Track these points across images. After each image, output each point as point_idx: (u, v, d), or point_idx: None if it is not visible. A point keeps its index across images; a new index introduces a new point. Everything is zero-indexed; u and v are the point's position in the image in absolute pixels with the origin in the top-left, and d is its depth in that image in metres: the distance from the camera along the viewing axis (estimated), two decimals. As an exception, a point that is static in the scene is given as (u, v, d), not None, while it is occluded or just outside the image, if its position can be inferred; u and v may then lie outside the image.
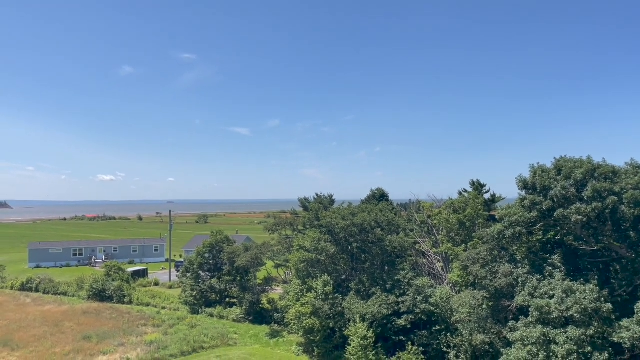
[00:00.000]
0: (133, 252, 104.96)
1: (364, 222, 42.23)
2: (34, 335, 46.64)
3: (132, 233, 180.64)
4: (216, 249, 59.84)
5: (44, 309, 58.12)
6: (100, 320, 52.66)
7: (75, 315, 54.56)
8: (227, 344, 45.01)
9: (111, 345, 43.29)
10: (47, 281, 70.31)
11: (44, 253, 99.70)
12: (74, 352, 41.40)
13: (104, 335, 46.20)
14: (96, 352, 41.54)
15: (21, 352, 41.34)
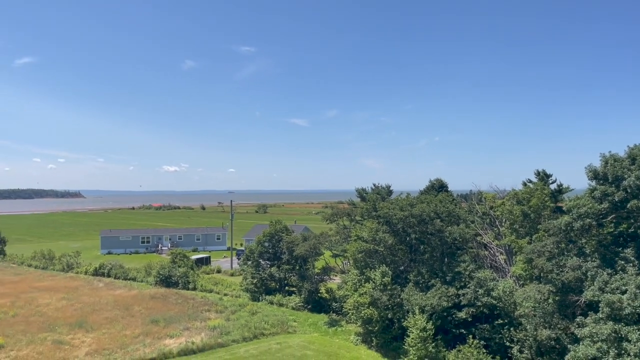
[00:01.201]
0: (197, 240, 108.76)
1: (422, 213, 41.66)
2: (106, 317, 49.45)
3: (195, 222, 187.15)
4: (275, 238, 60.94)
5: (115, 293, 61.43)
6: (167, 305, 55.05)
7: (144, 300, 57.32)
8: (286, 331, 45.89)
9: (177, 329, 45.18)
10: (118, 267, 74.23)
11: (114, 240, 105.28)
12: (142, 334, 43.54)
13: (170, 319, 48.29)
14: (163, 335, 43.50)
15: (95, 334, 43.94)
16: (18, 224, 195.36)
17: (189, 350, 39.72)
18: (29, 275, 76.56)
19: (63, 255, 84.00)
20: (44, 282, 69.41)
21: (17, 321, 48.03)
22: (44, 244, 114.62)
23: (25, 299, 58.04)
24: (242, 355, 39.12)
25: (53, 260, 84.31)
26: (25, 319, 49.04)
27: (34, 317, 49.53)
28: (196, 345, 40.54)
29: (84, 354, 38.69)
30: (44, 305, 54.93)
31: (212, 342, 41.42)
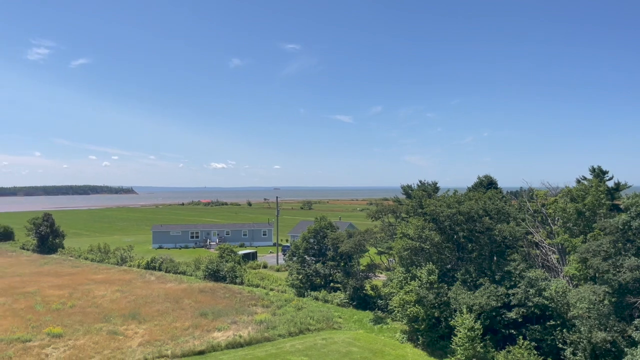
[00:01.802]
0: (243, 235, 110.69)
1: (470, 210, 40.81)
2: (157, 310, 51.11)
3: (242, 218, 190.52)
4: (320, 234, 61.21)
5: (166, 287, 63.39)
6: (215, 298, 56.35)
7: (193, 293, 58.88)
8: (331, 327, 46.07)
9: (225, 322, 46.19)
10: (169, 261, 76.55)
11: (165, 235, 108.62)
12: (192, 327, 44.76)
13: (218, 312, 49.41)
14: (212, 328, 44.55)
15: (147, 325, 45.50)
16: (75, 218, 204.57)
17: (237, 344, 40.52)
18: (86, 267, 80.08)
19: (117, 249, 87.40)
20: (100, 275, 72.44)
21: (74, 312, 50.35)
22: (99, 238, 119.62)
23: (82, 290, 60.76)
24: (288, 349, 39.58)
25: (108, 253, 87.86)
26: (82, 309, 51.32)
27: (90, 308, 51.77)
28: (243, 338, 41.32)
29: (137, 344, 40.13)
30: (99, 297, 57.35)
31: (258, 336, 42.11)
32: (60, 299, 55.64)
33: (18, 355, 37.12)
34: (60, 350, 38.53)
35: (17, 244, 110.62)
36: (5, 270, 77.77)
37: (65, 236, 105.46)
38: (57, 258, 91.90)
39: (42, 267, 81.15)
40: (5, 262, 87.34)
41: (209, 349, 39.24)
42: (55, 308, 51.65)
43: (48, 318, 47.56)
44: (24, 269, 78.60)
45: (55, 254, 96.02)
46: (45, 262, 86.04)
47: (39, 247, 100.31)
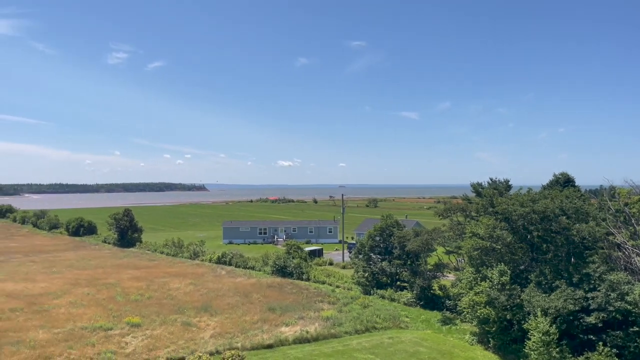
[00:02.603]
0: (309, 232, 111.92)
1: (546, 209, 38.98)
2: (228, 303, 52.76)
3: (308, 215, 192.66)
4: (386, 232, 60.74)
5: (235, 281, 65.32)
6: (283, 294, 57.39)
7: (262, 288, 60.29)
8: (398, 326, 45.64)
9: (292, 318, 46.94)
10: (238, 256, 78.81)
11: (235, 231, 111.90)
12: (261, 321, 45.84)
13: (285, 308, 50.30)
14: (279, 323, 45.41)
15: (218, 318, 47.09)
16: (151, 214, 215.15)
17: (304, 339, 41.07)
18: (162, 261, 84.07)
19: (190, 244, 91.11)
20: (174, 268, 75.80)
21: (151, 303, 53.00)
22: (173, 233, 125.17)
23: (158, 283, 63.83)
24: (354, 347, 39.62)
25: (182, 248, 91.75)
26: (159, 301, 53.91)
27: (165, 300, 54.30)
28: (310, 334, 41.83)
29: (209, 336, 41.64)
30: (174, 289, 60.01)
31: (325, 333, 42.46)
32: (139, 291, 58.75)
33: (101, 343, 39.57)
34: (139, 339, 40.69)
35: (100, 238, 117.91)
36: (89, 262, 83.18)
37: (142, 231, 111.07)
38: (135, 251, 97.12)
39: (122, 260, 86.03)
40: (89, 254, 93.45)
41: (277, 343, 40.06)
42: (134, 299, 54.60)
43: (127, 308, 50.37)
44: (106, 262, 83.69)
45: (133, 248, 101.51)
46: (124, 255, 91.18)
47: (119, 241, 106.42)
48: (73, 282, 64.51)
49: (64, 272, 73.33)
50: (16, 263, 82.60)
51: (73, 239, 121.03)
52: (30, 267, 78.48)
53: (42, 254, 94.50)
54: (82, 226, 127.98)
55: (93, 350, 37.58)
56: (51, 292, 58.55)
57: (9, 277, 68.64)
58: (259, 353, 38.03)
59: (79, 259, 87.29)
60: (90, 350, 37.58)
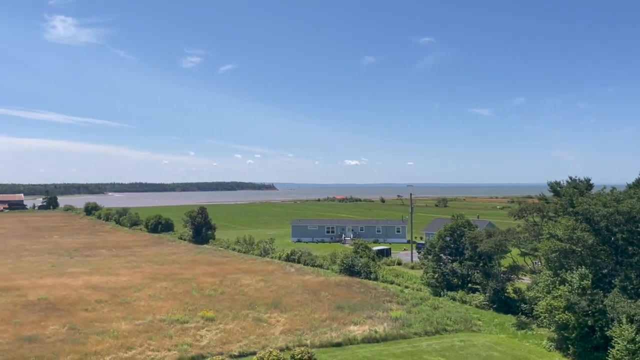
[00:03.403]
0: (377, 232, 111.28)
1: (632, 210, 36.50)
2: (297, 300, 53.57)
3: (375, 214, 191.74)
4: (457, 233, 59.23)
5: (304, 279, 66.18)
6: (351, 293, 57.48)
7: (330, 286, 60.69)
8: (470, 329, 44.41)
9: (361, 317, 46.90)
10: (307, 254, 79.79)
11: (303, 229, 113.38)
12: (329, 319, 46.16)
13: (354, 307, 50.35)
14: (348, 321, 45.53)
15: (288, 315, 47.92)
16: (223, 212, 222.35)
17: (372, 339, 40.92)
18: (233, 258, 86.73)
19: (260, 242, 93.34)
20: (245, 265, 77.97)
21: (224, 298, 54.82)
22: (244, 230, 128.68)
23: (230, 279, 65.92)
24: (424, 349, 38.98)
25: (252, 245, 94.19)
26: (231, 297, 55.67)
27: (237, 296, 55.98)
28: (379, 334, 41.62)
29: (279, 332, 42.47)
30: (245, 285, 61.74)
31: (394, 333, 42.09)
32: (212, 286, 60.96)
33: (177, 335, 41.43)
34: (213, 333, 42.22)
35: (176, 235, 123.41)
36: (167, 258, 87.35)
37: (216, 228, 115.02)
38: (209, 248, 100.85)
39: (197, 256, 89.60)
40: (167, 250, 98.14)
41: (345, 341, 40.19)
42: (208, 294, 56.71)
43: (202, 303, 52.41)
44: (182, 257, 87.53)
45: (207, 244, 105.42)
46: (199, 252, 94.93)
47: (194, 237, 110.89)
48: (152, 277, 68.00)
49: (144, 266, 77.46)
50: (101, 257, 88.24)
51: (152, 236, 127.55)
52: (113, 261, 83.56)
53: (124, 249, 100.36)
54: (160, 223, 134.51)
55: (170, 342, 39.42)
56: (132, 285, 62.04)
57: (95, 271, 73.46)
58: (327, 351, 38.32)
59: (157, 254, 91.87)
60: (168, 342, 39.44)
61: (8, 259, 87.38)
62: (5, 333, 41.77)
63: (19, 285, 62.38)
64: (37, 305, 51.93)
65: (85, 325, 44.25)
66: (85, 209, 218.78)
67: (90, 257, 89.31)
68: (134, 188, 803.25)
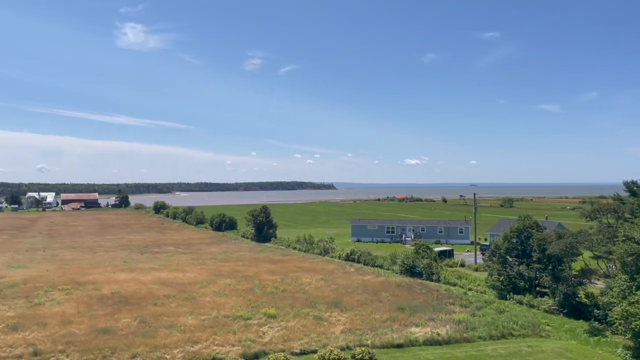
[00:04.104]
0: (439, 232, 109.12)
1: None
2: (357, 300, 53.46)
3: (436, 214, 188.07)
4: (524, 234, 57.02)
5: (364, 279, 65.96)
6: (411, 294, 56.70)
7: (390, 287, 60.15)
8: (538, 334, 42.64)
9: (422, 318, 46.15)
10: (366, 254, 79.49)
11: (363, 229, 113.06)
12: (390, 320, 45.74)
13: (415, 308, 49.62)
14: (409, 323, 44.92)
15: (348, 314, 47.92)
16: (284, 211, 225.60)
17: (434, 341, 40.18)
18: (294, 256, 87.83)
19: (320, 241, 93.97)
20: (305, 264, 78.73)
21: (285, 296, 55.60)
22: (304, 229, 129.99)
23: (291, 277, 66.78)
24: (489, 353, 37.82)
25: (312, 244, 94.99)
26: (292, 294, 56.37)
27: (298, 294, 56.61)
28: (441, 336, 40.79)
29: (339, 331, 42.55)
30: (306, 284, 62.34)
31: (457, 336, 41.12)
32: (274, 284, 62.00)
33: (241, 331, 42.43)
34: (275, 330, 42.93)
35: (239, 233, 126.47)
36: (230, 255, 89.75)
37: (277, 227, 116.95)
38: (270, 246, 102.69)
39: (259, 254, 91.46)
40: (230, 248, 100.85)
41: (407, 343, 39.70)
42: (270, 291, 57.73)
43: (264, 300, 53.41)
44: (245, 255, 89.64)
45: (269, 243, 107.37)
46: (260, 250, 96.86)
47: (256, 236, 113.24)
48: (216, 273, 70.08)
49: (209, 263, 79.98)
50: (169, 254, 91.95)
51: (216, 234, 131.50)
52: (180, 258, 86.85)
53: (190, 246, 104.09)
54: (223, 222, 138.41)
55: (234, 338, 40.45)
56: (198, 281, 64.21)
57: (164, 267, 76.64)
58: (388, 352, 38.00)
59: (221, 252, 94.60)
60: (232, 338, 40.49)
61: (84, 254, 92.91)
62: (82, 325, 44.38)
63: (94, 279, 66.13)
64: (111, 298, 54.84)
65: (154, 318, 46.25)
66: (154, 208, 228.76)
67: (159, 253, 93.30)
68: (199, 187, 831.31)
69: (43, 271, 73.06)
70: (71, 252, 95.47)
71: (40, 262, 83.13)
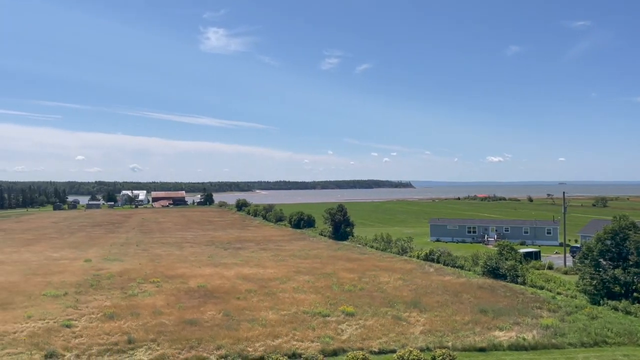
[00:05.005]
0: (524, 233, 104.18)
1: None
2: (437, 301, 52.31)
3: (521, 214, 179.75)
4: (620, 235, 53.03)
5: (444, 279, 64.42)
6: (495, 296, 54.60)
7: (472, 289, 58.29)
8: (635, 343, 39.48)
9: (506, 322, 44.28)
10: (446, 254, 77.57)
11: (442, 228, 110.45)
12: (472, 322, 44.31)
13: (499, 311, 47.72)
14: (492, 326, 43.29)
15: (428, 315, 47.01)
16: (361, 209, 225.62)
17: (520, 346, 38.43)
18: (371, 255, 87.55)
19: (398, 240, 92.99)
20: (383, 263, 78.23)
21: (363, 294, 55.54)
22: (381, 228, 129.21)
23: (369, 276, 66.63)
24: (580, 361, 35.63)
25: (390, 243, 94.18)
26: (370, 293, 56.22)
27: (376, 293, 56.34)
28: (527, 342, 38.95)
29: (419, 332, 41.87)
30: (384, 283, 61.93)
31: (545, 342, 39.08)
32: (352, 282, 62.16)
33: (319, 328, 42.93)
34: (353, 328, 43.03)
35: (317, 231, 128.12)
36: (308, 252, 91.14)
37: (354, 225, 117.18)
38: (347, 245, 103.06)
39: (336, 252, 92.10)
40: (308, 245, 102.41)
41: (490, 347, 38.30)
42: (348, 289, 57.94)
43: (342, 298, 53.70)
44: (322, 253, 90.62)
45: (346, 241, 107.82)
46: (338, 248, 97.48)
47: (333, 234, 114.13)
48: (295, 270, 71.44)
49: (288, 260, 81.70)
50: (250, 250, 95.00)
51: (294, 231, 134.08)
52: (261, 254, 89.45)
53: (270, 243, 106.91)
54: (302, 219, 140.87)
55: (313, 334, 41.03)
56: (278, 277, 65.79)
57: (245, 263, 79.29)
58: (470, 355, 36.88)
59: (300, 249, 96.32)
60: (311, 334, 41.09)
61: (173, 249, 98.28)
62: (171, 316, 46.97)
63: (181, 273, 69.75)
64: (197, 292, 57.57)
65: (237, 312, 47.97)
66: (236, 205, 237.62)
67: (240, 249, 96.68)
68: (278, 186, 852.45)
69: (136, 264, 78.17)
70: (161, 247, 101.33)
71: (134, 256, 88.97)
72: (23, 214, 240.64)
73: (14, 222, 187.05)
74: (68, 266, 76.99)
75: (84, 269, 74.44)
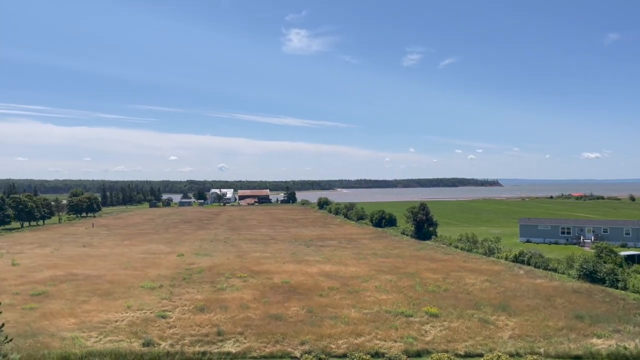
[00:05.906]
0: (625, 234, 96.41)
1: None
2: (527, 305, 49.78)
3: (622, 214, 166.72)
4: None
5: (535, 282, 61.19)
6: (591, 301, 51.07)
7: (566, 293, 54.90)
8: None
9: (605, 329, 41.27)
10: (537, 256, 73.59)
11: (533, 229, 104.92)
12: (566, 328, 41.74)
13: (596, 317, 44.58)
14: (589, 333, 40.52)
15: (517, 319, 44.87)
16: (444, 209, 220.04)
17: (621, 355, 35.68)
18: (456, 255, 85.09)
19: (484, 240, 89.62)
20: (469, 264, 75.74)
21: (447, 296, 54.12)
22: (466, 228, 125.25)
23: (453, 276, 64.80)
24: (692, 376, 32.41)
25: (476, 244, 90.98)
26: (454, 295, 54.66)
27: (461, 295, 54.68)
28: (629, 351, 36.06)
29: (507, 336, 40.09)
30: (469, 284, 59.94)
31: (650, 353, 36.00)
32: (435, 282, 60.80)
33: (402, 328, 42.40)
34: (437, 329, 42.08)
35: (398, 230, 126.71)
36: (390, 251, 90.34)
37: (437, 225, 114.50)
38: (430, 244, 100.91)
39: (419, 251, 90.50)
40: (390, 244, 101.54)
41: (586, 355, 35.92)
42: (431, 290, 56.73)
43: (425, 298, 52.68)
44: (405, 252, 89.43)
45: (429, 241, 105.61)
46: (420, 247, 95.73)
47: (416, 233, 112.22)
48: (377, 269, 71.11)
49: (369, 258, 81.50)
50: (332, 248, 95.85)
51: (376, 230, 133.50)
52: (342, 252, 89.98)
53: (351, 241, 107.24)
54: (383, 218, 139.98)
55: (396, 334, 40.62)
56: (359, 276, 65.83)
57: (327, 260, 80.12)
58: (564, 363, 34.81)
59: (381, 247, 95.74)
60: (394, 333, 40.71)
61: (258, 245, 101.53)
62: (257, 310, 48.55)
63: (266, 269, 71.84)
64: (281, 287, 59.02)
65: (320, 309, 48.59)
66: (318, 204, 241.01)
67: (322, 247, 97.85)
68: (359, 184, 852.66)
69: (224, 260, 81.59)
70: (247, 244, 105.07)
71: (222, 251, 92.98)
72: (123, 211, 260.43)
73: (114, 218, 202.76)
74: (163, 260, 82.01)
75: (176, 263, 78.88)
